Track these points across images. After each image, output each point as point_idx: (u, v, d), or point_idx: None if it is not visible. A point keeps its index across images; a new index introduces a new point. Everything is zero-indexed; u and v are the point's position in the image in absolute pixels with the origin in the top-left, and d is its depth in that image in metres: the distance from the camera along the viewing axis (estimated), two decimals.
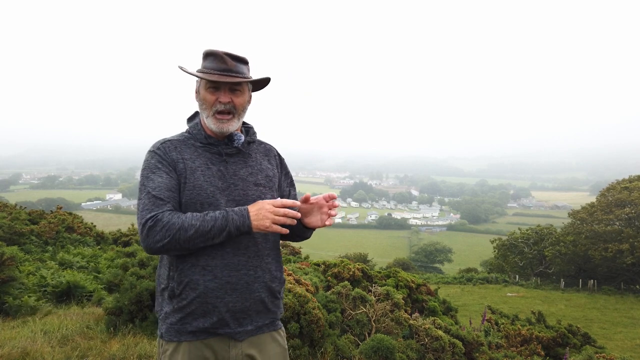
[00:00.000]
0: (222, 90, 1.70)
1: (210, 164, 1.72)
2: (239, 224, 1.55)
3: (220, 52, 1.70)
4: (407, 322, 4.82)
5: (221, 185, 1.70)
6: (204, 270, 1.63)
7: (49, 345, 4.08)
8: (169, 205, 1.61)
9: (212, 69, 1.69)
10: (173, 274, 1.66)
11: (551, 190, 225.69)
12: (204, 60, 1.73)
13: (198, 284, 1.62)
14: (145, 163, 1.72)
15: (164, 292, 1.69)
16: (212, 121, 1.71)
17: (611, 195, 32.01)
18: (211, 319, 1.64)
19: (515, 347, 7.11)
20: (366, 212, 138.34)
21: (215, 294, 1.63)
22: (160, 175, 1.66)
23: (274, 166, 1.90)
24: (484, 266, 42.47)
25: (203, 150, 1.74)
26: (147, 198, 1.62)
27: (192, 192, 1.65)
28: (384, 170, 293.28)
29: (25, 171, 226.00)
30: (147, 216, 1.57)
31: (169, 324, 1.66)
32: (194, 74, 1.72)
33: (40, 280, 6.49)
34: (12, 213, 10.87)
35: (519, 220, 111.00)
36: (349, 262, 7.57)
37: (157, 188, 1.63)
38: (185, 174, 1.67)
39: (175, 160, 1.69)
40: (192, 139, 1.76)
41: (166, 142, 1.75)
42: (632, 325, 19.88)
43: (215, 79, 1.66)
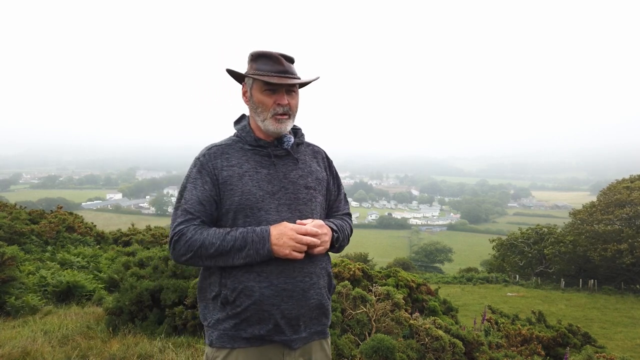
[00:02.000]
0: (280, 93, 1.67)
1: (260, 167, 1.68)
2: (258, 246, 1.53)
3: (275, 54, 1.67)
4: (408, 321, 4.81)
5: (271, 189, 1.66)
6: (259, 276, 1.60)
7: (50, 345, 4.08)
8: (198, 220, 1.60)
9: (270, 71, 1.65)
10: (225, 281, 1.62)
11: (551, 190, 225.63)
12: (255, 62, 1.69)
13: (254, 290, 1.59)
14: (189, 171, 1.71)
15: (216, 299, 1.65)
16: (271, 123, 1.67)
17: (611, 195, 32.00)
18: (267, 326, 1.60)
19: (515, 346, 7.11)
20: (366, 212, 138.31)
21: (272, 301, 1.59)
22: (196, 186, 1.64)
23: (322, 168, 1.86)
24: (484, 266, 42.46)
25: (252, 154, 1.70)
26: (180, 210, 1.63)
27: (241, 198, 1.62)
28: (384, 170, 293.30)
29: (26, 171, 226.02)
30: (175, 230, 1.59)
31: (222, 331, 1.62)
32: (252, 76, 1.66)
33: (41, 280, 6.50)
34: (12, 213, 10.87)
35: (519, 220, 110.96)
36: (349, 261, 7.56)
37: (190, 201, 1.62)
38: (232, 181, 1.64)
39: (219, 167, 1.66)
40: (240, 141, 1.74)
41: (213, 147, 1.72)
42: (632, 325, 19.87)
43: (276, 81, 1.63)
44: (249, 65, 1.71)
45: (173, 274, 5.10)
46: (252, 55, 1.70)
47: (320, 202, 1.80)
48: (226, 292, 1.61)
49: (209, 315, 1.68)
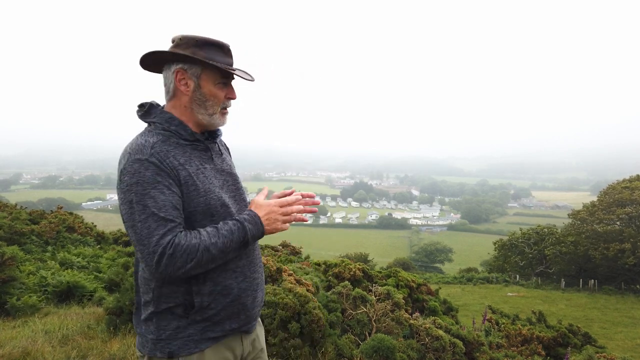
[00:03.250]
0: (230, 87, 1.60)
1: (204, 162, 1.57)
2: (255, 232, 1.49)
3: (226, 44, 1.56)
4: (408, 321, 4.81)
5: (219, 184, 1.58)
6: (234, 273, 1.57)
7: (50, 345, 4.08)
8: (180, 226, 1.42)
9: (226, 63, 1.54)
10: (199, 287, 1.49)
11: (552, 190, 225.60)
12: (202, 49, 1.51)
13: (232, 288, 1.56)
14: (137, 176, 1.40)
15: (175, 309, 1.50)
16: (219, 117, 1.59)
17: (612, 195, 32.00)
18: (239, 319, 1.61)
19: (516, 346, 7.11)
20: (367, 212, 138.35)
21: (247, 293, 1.61)
22: (162, 190, 1.41)
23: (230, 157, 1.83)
24: (484, 266, 42.46)
25: (191, 149, 1.54)
26: (154, 221, 1.37)
27: (206, 198, 1.50)
28: (384, 170, 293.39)
29: (26, 171, 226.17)
30: (163, 243, 1.36)
31: (185, 338, 1.51)
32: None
33: (41, 280, 6.49)
34: (12, 213, 10.87)
35: (520, 220, 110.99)
36: (350, 262, 7.56)
37: (163, 207, 1.39)
38: (192, 180, 1.48)
39: (175, 167, 1.46)
40: (173, 136, 1.52)
41: (155, 145, 1.46)
42: (632, 325, 19.87)
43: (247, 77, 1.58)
44: (189, 50, 1.50)
45: None
46: (197, 40, 1.51)
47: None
48: (200, 299, 1.49)
49: (159, 327, 1.52)
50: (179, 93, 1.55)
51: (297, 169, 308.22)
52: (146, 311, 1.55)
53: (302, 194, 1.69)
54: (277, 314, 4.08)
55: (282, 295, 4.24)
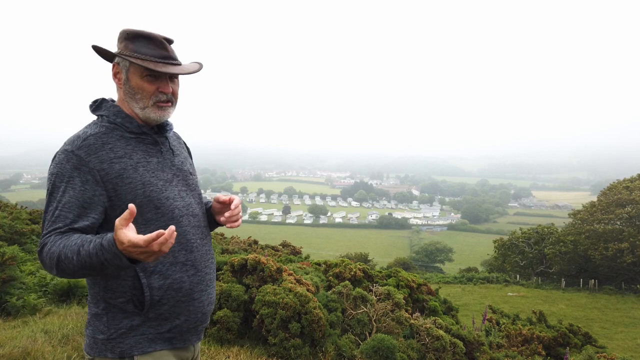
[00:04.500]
0: (163, 80, 1.52)
1: (148, 156, 1.54)
2: (116, 262, 1.25)
3: (158, 36, 1.51)
4: (408, 321, 4.81)
5: (167, 177, 1.56)
6: (184, 266, 1.52)
7: (50, 344, 4.08)
8: (65, 228, 1.36)
9: (153, 55, 1.49)
10: (147, 281, 1.44)
11: (552, 190, 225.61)
12: (132, 42, 1.50)
13: (183, 281, 1.51)
14: (58, 166, 1.42)
15: (125, 305, 1.45)
16: (153, 110, 1.52)
17: (612, 195, 32.01)
18: (195, 316, 1.57)
19: (516, 346, 7.10)
20: (367, 212, 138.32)
21: (200, 287, 1.57)
22: (73, 186, 1.39)
23: (187, 155, 1.79)
24: (484, 266, 42.46)
25: (136, 142, 1.53)
26: (51, 216, 1.38)
27: (144, 190, 1.47)
28: (384, 170, 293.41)
29: (26, 171, 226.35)
30: (43, 242, 1.35)
31: (138, 336, 1.46)
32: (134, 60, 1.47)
33: (41, 280, 6.49)
34: (12, 213, 10.88)
35: (520, 220, 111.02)
36: (350, 261, 7.56)
37: (66, 204, 1.38)
38: (128, 173, 1.46)
39: (106, 160, 1.43)
40: (118, 129, 1.51)
41: (89, 137, 1.46)
42: (633, 325, 19.86)
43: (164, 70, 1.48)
44: (122, 44, 1.51)
45: None
46: (128, 33, 1.50)
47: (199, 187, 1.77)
48: (150, 293, 1.44)
49: (111, 325, 1.46)
50: (117, 87, 1.58)
51: (297, 169, 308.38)
52: (97, 307, 1.49)
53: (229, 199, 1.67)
54: (277, 314, 4.08)
55: (282, 295, 4.24)
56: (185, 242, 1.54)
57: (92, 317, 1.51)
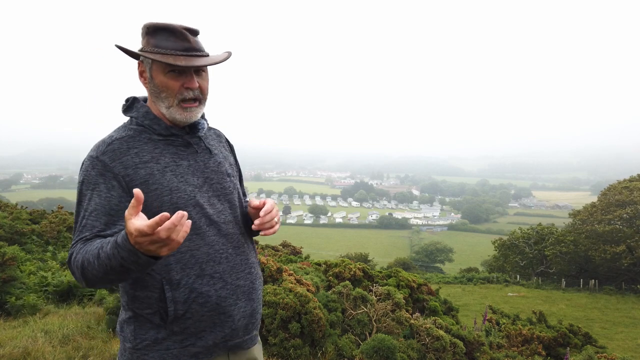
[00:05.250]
0: (188, 75, 1.38)
1: (179, 159, 1.43)
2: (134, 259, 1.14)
3: (178, 27, 1.36)
4: (408, 321, 4.81)
5: (197, 182, 1.44)
6: (212, 279, 1.41)
7: (50, 344, 4.08)
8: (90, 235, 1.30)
9: (174, 48, 1.35)
10: (173, 294, 1.36)
11: (552, 190, 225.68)
12: (152, 36, 1.37)
13: (210, 295, 1.40)
14: (84, 173, 1.36)
15: (151, 317, 1.38)
16: (177, 111, 1.40)
17: (612, 195, 32.01)
18: (223, 332, 1.44)
19: (516, 347, 7.10)
20: (367, 212, 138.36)
21: (229, 301, 1.43)
22: (99, 193, 1.33)
23: (228, 153, 1.66)
24: (484, 266, 42.46)
25: (165, 144, 1.43)
26: (79, 225, 1.33)
27: (171, 197, 1.37)
28: (384, 170, 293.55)
29: (27, 171, 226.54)
30: (71, 251, 1.29)
31: (162, 351, 1.39)
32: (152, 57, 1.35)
33: (42, 280, 6.50)
34: (13, 213, 10.88)
35: (520, 220, 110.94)
36: (350, 262, 7.56)
37: (93, 212, 1.32)
38: (154, 179, 1.37)
39: (131, 166, 1.36)
40: (145, 131, 1.43)
41: (114, 141, 1.39)
42: (633, 325, 19.86)
43: (184, 63, 1.34)
44: (144, 39, 1.39)
45: None
46: (148, 27, 1.38)
47: (239, 189, 1.62)
48: (174, 307, 1.36)
49: (137, 335, 1.40)
50: (144, 86, 1.47)
51: (298, 169, 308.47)
52: (126, 314, 1.45)
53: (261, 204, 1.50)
54: (277, 314, 4.08)
55: (282, 295, 4.24)
56: (214, 252, 1.43)
57: (122, 322, 1.46)
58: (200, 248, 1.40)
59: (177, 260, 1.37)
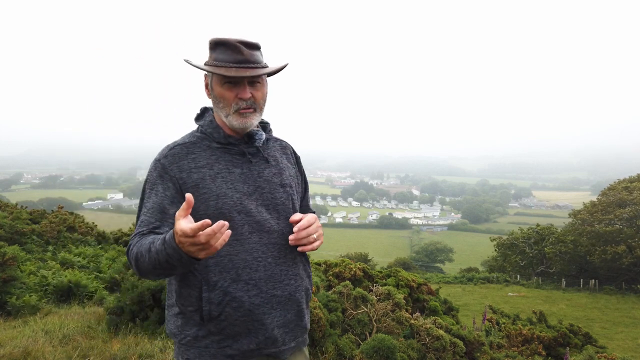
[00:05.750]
0: (242, 85, 1.48)
1: (232, 166, 1.52)
2: (177, 257, 1.25)
3: (233, 41, 1.46)
4: (408, 321, 4.81)
5: (247, 190, 1.50)
6: (247, 285, 1.45)
7: (51, 344, 4.09)
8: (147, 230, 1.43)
9: (227, 61, 1.45)
10: (209, 295, 1.44)
11: (552, 190, 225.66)
12: (213, 50, 1.49)
13: (242, 301, 1.44)
14: (149, 174, 1.53)
15: (193, 314, 1.47)
16: (235, 118, 1.49)
17: (612, 195, 32.01)
18: (257, 339, 1.47)
19: (516, 346, 7.10)
20: (367, 212, 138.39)
21: (262, 310, 1.46)
22: (157, 192, 1.47)
23: (292, 164, 1.72)
24: (485, 266, 42.46)
25: (222, 152, 1.53)
26: (139, 220, 1.48)
27: (217, 202, 1.45)
28: (385, 170, 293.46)
29: (27, 171, 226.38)
30: (129, 242, 1.44)
31: (202, 348, 1.46)
32: (205, 69, 1.48)
33: (42, 280, 6.50)
34: (13, 212, 10.88)
35: (520, 220, 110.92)
36: (350, 261, 7.56)
37: (150, 209, 1.46)
38: (205, 184, 1.46)
39: (186, 169, 1.48)
40: (207, 139, 1.54)
41: (176, 147, 1.52)
42: (633, 325, 19.86)
43: (233, 74, 1.43)
44: (209, 54, 1.51)
45: None
46: (210, 42, 1.50)
47: (296, 201, 1.66)
48: (209, 308, 1.44)
49: (182, 330, 1.50)
50: (208, 97, 1.58)
51: None
52: (173, 310, 1.54)
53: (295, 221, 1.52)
54: None
55: None
56: (252, 260, 1.47)
57: (170, 317, 1.55)
58: (239, 254, 1.46)
59: (215, 263, 1.44)
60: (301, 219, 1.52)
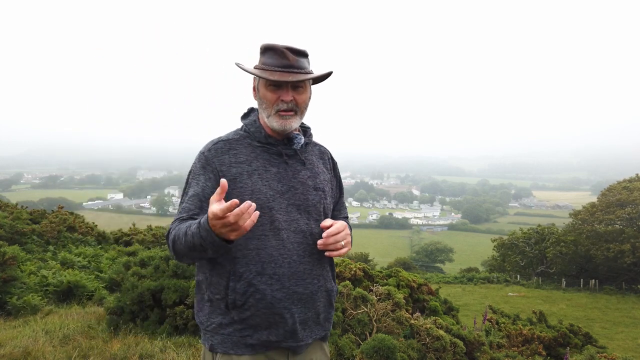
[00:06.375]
0: (284, 88, 1.57)
1: (269, 165, 1.61)
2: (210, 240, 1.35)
3: (280, 47, 1.55)
4: (409, 321, 4.81)
5: (280, 188, 1.59)
6: (271, 279, 1.52)
7: (51, 344, 4.09)
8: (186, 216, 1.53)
9: (273, 65, 1.55)
10: (235, 285, 1.53)
11: (553, 190, 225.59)
12: (263, 55, 1.59)
13: (265, 293, 1.52)
14: (193, 165, 1.65)
15: (220, 302, 1.56)
16: (275, 119, 1.58)
17: (612, 196, 32.01)
18: (277, 331, 1.55)
19: (516, 346, 7.10)
20: (367, 212, 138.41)
21: (283, 304, 1.53)
22: (198, 182, 1.59)
23: (328, 170, 1.79)
24: (485, 266, 42.45)
25: (261, 151, 1.62)
26: (181, 206, 1.59)
27: (251, 197, 1.52)
28: (385, 170, 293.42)
29: (27, 171, 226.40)
30: (170, 226, 1.56)
31: (225, 335, 1.55)
32: (252, 72, 1.58)
33: (42, 280, 6.50)
34: (13, 213, 10.88)
35: (520, 220, 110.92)
36: (350, 261, 7.56)
37: (191, 197, 1.57)
38: (242, 178, 1.56)
39: (226, 163, 1.58)
40: (249, 137, 1.65)
41: (220, 142, 1.64)
42: (633, 325, 19.86)
43: (277, 78, 1.52)
44: (259, 58, 1.62)
45: (174, 273, 5.10)
46: (261, 48, 1.61)
47: (328, 204, 1.73)
48: (234, 297, 1.52)
49: (209, 317, 1.59)
50: (255, 99, 1.69)
51: None
52: (202, 297, 1.63)
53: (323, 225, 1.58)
54: None
55: None
56: (278, 255, 1.54)
57: (199, 304, 1.65)
58: (266, 249, 1.54)
59: (243, 255, 1.53)
60: (331, 225, 1.58)
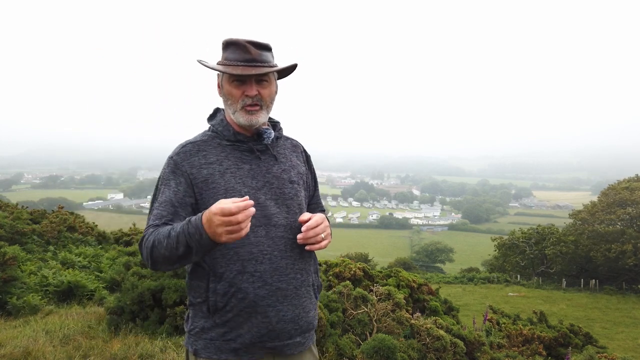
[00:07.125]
0: (249, 83, 1.53)
1: (241, 162, 1.57)
2: (197, 237, 1.29)
3: (242, 41, 1.52)
4: (409, 321, 4.81)
5: (255, 185, 1.55)
6: (252, 277, 1.48)
7: (51, 344, 4.09)
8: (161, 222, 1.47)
9: (236, 60, 1.52)
10: (214, 286, 1.48)
11: (553, 190, 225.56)
12: (225, 50, 1.56)
13: (247, 292, 1.47)
14: (162, 171, 1.60)
15: (201, 306, 1.52)
16: (241, 115, 1.55)
17: (612, 196, 32.01)
18: (260, 331, 1.49)
19: (517, 347, 7.09)
20: (367, 212, 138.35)
21: (267, 302, 1.49)
22: (169, 187, 1.53)
23: (302, 162, 1.77)
24: (485, 266, 42.45)
25: (232, 149, 1.59)
26: (152, 213, 1.52)
27: (225, 196, 1.49)
28: (385, 170, 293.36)
29: (27, 171, 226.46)
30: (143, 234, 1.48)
31: (208, 340, 1.51)
32: (215, 68, 1.54)
33: (42, 280, 6.49)
34: (13, 212, 10.88)
35: (521, 220, 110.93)
36: (350, 261, 7.56)
37: (163, 203, 1.51)
38: (214, 179, 1.52)
39: (196, 166, 1.54)
40: (217, 137, 1.61)
41: (188, 144, 1.59)
42: (633, 325, 19.85)
43: (240, 72, 1.49)
44: (222, 54, 1.57)
45: (174, 273, 5.10)
46: (223, 43, 1.57)
47: (304, 197, 1.71)
48: (215, 299, 1.48)
49: (193, 321, 1.56)
50: (220, 96, 1.64)
51: None
52: (188, 301, 1.61)
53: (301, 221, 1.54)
54: None
55: None
56: (257, 252, 1.50)
57: (187, 309, 1.63)
58: (244, 246, 1.49)
59: (222, 255, 1.49)
60: (310, 218, 1.54)
